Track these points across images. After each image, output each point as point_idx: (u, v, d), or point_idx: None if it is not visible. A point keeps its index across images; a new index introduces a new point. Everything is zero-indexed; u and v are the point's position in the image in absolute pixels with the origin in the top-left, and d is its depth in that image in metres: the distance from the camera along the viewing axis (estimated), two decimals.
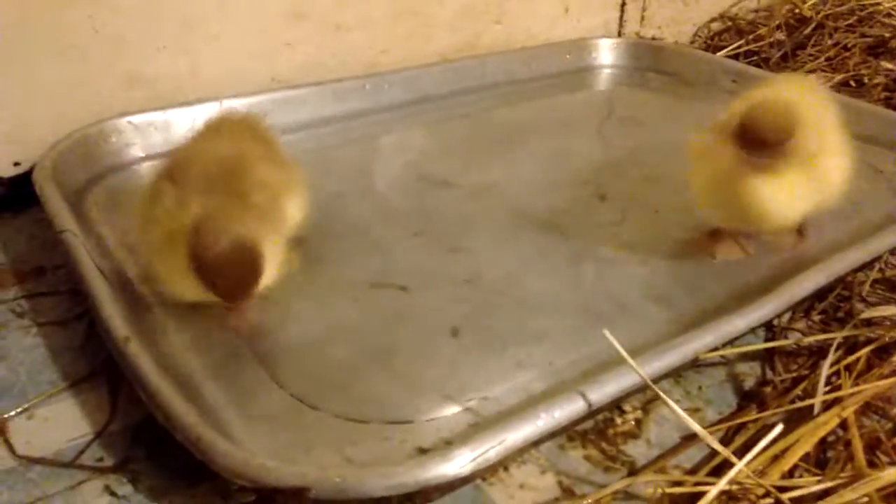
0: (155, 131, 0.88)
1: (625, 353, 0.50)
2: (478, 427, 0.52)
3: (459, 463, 0.45)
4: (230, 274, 0.55)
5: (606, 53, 1.24)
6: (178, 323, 0.62)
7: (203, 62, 0.94)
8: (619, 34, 1.33)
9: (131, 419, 0.55)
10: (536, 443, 0.52)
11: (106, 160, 0.85)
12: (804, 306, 0.70)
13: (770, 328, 0.68)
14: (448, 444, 0.50)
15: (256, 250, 0.56)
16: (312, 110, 0.99)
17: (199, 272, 0.55)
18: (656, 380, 0.55)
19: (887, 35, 1.27)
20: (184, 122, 0.89)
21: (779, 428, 0.51)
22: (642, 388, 0.55)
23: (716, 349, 0.59)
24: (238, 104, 0.92)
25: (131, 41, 0.88)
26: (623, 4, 1.31)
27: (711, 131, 0.72)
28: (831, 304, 0.71)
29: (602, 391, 0.51)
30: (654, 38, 1.36)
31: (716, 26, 1.44)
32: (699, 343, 0.56)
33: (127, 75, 0.89)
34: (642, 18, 1.34)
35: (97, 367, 0.60)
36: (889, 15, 1.32)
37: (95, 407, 0.57)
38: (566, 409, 0.49)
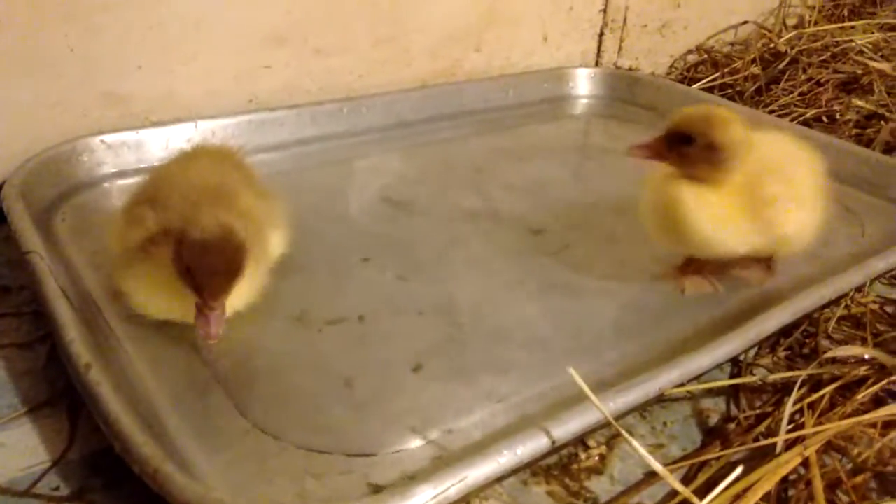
0: (128, 151, 0.87)
1: (589, 392, 0.50)
2: (441, 462, 0.52)
3: (420, 500, 0.44)
4: (214, 259, 0.54)
5: (584, 83, 1.26)
6: (141, 349, 0.61)
7: (180, 83, 0.94)
8: (597, 64, 1.35)
9: (90, 447, 0.54)
10: (499, 479, 0.51)
11: (77, 179, 0.84)
12: (770, 342, 0.71)
13: (736, 363, 0.68)
14: (409, 480, 0.50)
15: (240, 239, 0.56)
16: (289, 133, 1.00)
17: (184, 256, 0.54)
18: (621, 416, 0.55)
19: (860, 72, 1.29)
20: (157, 143, 0.88)
21: (738, 470, 0.51)
22: (607, 424, 0.55)
23: (681, 385, 0.59)
24: (214, 125, 0.93)
25: (107, 60, 0.88)
26: (601, 35, 1.32)
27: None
28: (797, 339, 0.72)
29: (566, 428, 0.50)
30: (630, 69, 1.38)
31: (692, 58, 1.46)
32: (664, 379, 0.56)
33: (102, 94, 0.89)
34: (620, 49, 1.36)
35: (58, 392, 0.59)
36: (861, 52, 1.34)
37: (54, 433, 0.56)
38: (529, 446, 0.49)
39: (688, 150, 0.66)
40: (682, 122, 0.67)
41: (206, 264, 0.54)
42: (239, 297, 0.62)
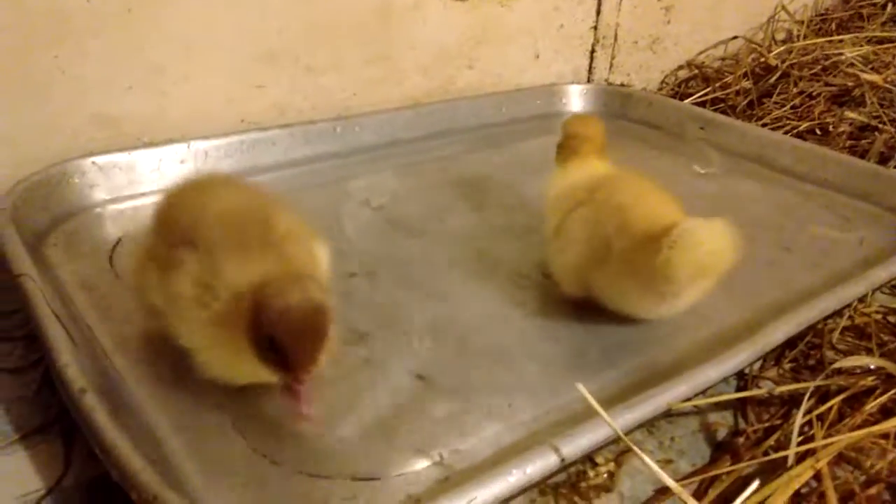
0: (119, 172, 0.86)
1: (598, 407, 0.49)
2: (448, 483, 0.51)
3: None
4: (305, 330, 0.48)
5: (576, 99, 1.26)
6: (137, 372, 0.59)
7: (171, 103, 0.93)
8: (589, 80, 1.35)
9: (87, 474, 0.53)
10: (507, 499, 0.50)
11: (68, 201, 0.83)
12: (775, 354, 0.70)
13: (742, 376, 0.68)
14: (416, 503, 0.48)
15: (324, 300, 0.49)
16: (282, 152, 0.99)
17: (268, 329, 0.48)
18: (629, 431, 0.54)
19: (850, 84, 1.30)
20: (149, 164, 0.88)
21: (755, 484, 0.50)
22: (615, 440, 0.54)
23: (688, 399, 0.58)
24: (207, 145, 0.92)
25: (98, 82, 0.87)
26: (592, 52, 1.33)
27: None
28: (802, 351, 0.71)
29: (575, 445, 0.49)
30: (622, 85, 1.38)
31: (683, 73, 1.47)
32: (671, 394, 0.56)
33: (92, 116, 0.88)
34: (611, 65, 1.36)
35: (52, 418, 0.58)
36: (852, 65, 1.34)
37: (49, 460, 0.54)
38: (538, 465, 0.48)
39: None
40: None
41: (297, 336, 0.48)
42: None
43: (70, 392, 0.51)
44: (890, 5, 1.67)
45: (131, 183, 0.86)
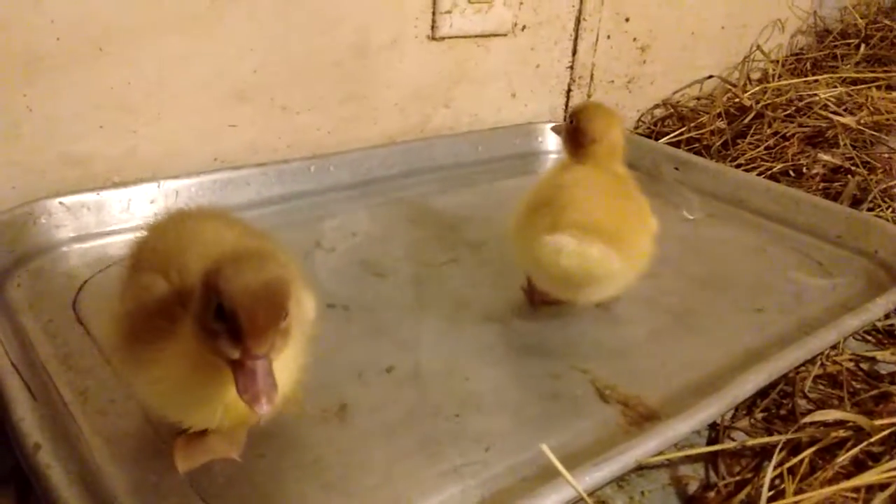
0: (87, 213, 0.85)
1: (563, 470, 0.48)
2: None
3: None
4: (257, 299, 0.41)
5: (553, 138, 1.26)
6: (96, 425, 0.58)
7: (142, 142, 0.92)
8: (565, 119, 1.35)
9: None
10: None
11: (34, 242, 0.81)
12: (747, 403, 0.70)
13: (713, 426, 0.67)
14: None
15: (282, 272, 0.44)
16: (255, 192, 0.98)
17: (217, 292, 0.42)
18: (598, 488, 0.53)
19: (824, 126, 1.31)
20: (118, 204, 0.86)
21: None
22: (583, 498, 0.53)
23: (658, 454, 0.57)
24: (178, 185, 0.91)
25: (67, 120, 0.86)
26: (569, 91, 1.33)
27: None
28: (774, 400, 0.70)
29: None
30: None
31: (659, 113, 1.48)
32: (641, 450, 0.55)
33: (61, 155, 0.87)
34: None
35: (7, 473, 0.56)
36: (826, 107, 1.36)
37: None
38: None
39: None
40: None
41: (251, 300, 0.41)
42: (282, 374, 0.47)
43: (24, 447, 0.50)
44: (863, 46, 1.69)
45: (100, 224, 0.85)
